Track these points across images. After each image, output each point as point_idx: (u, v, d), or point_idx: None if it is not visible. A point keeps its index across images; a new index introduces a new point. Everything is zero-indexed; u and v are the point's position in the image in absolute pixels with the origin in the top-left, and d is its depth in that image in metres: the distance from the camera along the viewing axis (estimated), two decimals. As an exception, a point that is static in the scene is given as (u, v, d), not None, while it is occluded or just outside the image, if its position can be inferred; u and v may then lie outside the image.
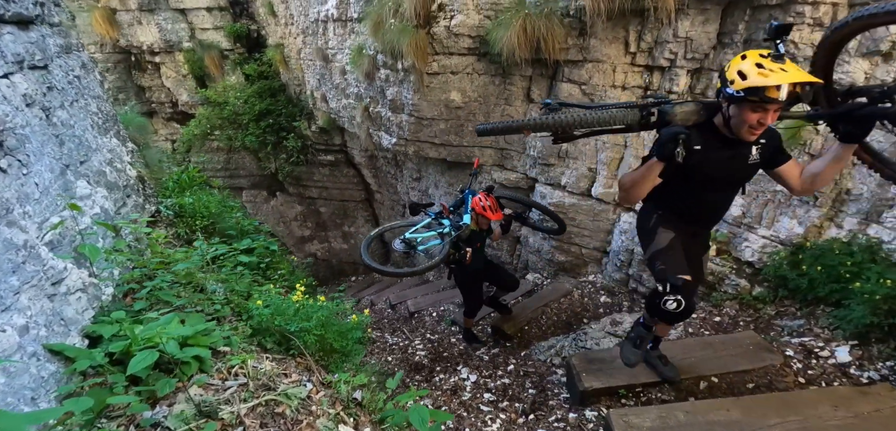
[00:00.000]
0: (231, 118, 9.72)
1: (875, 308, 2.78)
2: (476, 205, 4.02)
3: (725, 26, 3.86)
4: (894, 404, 2.23)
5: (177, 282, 2.59)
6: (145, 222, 3.13)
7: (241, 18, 10.34)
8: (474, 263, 4.20)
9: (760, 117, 1.76)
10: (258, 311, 2.36)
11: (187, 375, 1.73)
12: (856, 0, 3.15)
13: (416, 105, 6.02)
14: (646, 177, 2.07)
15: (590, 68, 4.77)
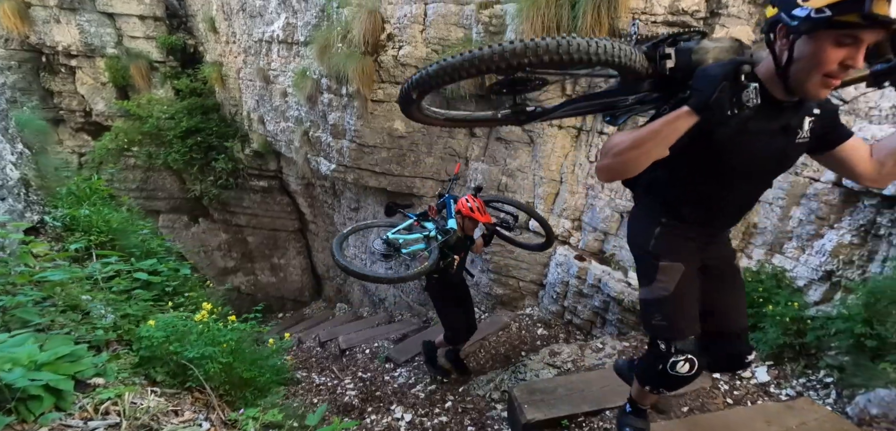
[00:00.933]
0: (153, 133, 8.81)
1: (786, 329, 2.93)
2: (462, 206, 3.55)
3: (650, 74, 4.15)
4: (816, 416, 2.30)
5: (50, 302, 2.10)
6: (19, 228, 2.56)
7: (178, 31, 9.64)
8: (455, 275, 3.74)
9: (848, 56, 1.10)
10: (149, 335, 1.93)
11: (34, 413, 1.30)
12: None
13: (359, 131, 5.81)
14: (657, 137, 1.29)
15: (529, 105, 4.88)
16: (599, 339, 4.07)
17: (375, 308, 8.02)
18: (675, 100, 1.37)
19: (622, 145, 1.34)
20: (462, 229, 3.60)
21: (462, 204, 3.56)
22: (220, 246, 9.75)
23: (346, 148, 6.12)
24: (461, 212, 3.55)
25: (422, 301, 6.78)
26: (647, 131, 1.31)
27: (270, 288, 10.05)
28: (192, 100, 9.25)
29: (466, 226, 3.62)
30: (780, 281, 3.25)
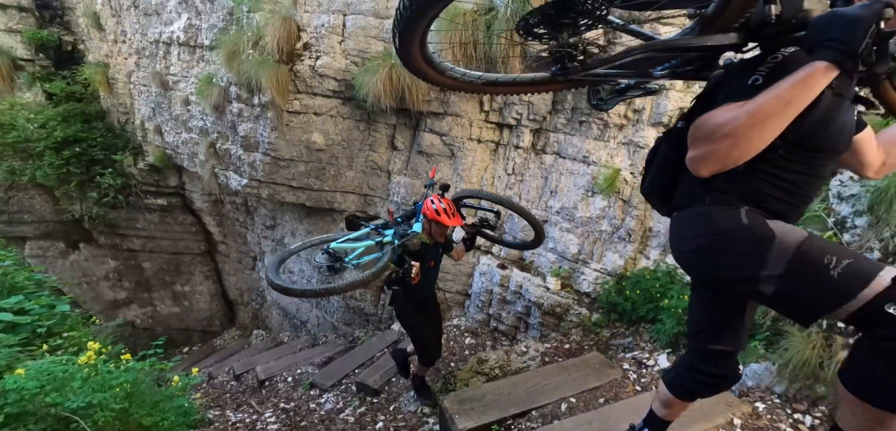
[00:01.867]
0: (18, 145, 7.54)
1: (679, 319, 3.36)
2: (427, 208, 3.11)
3: (558, 95, 4.52)
4: (706, 397, 2.66)
5: None
6: None
7: (51, 25, 8.36)
8: (423, 288, 3.28)
9: None
10: (17, 388, 1.65)
11: None
12: None
13: (274, 144, 5.53)
14: (786, 106, 1.04)
15: (450, 121, 5.05)
16: (523, 343, 4.29)
17: (296, 331, 7.63)
18: (778, 57, 1.14)
19: (735, 123, 1.07)
20: (430, 235, 3.19)
21: (426, 206, 3.14)
22: (107, 275, 8.59)
23: (259, 161, 5.79)
24: (426, 216, 3.14)
25: (347, 320, 6.60)
26: (770, 99, 1.04)
27: (173, 320, 9.06)
28: (69, 106, 8.10)
29: (434, 231, 3.18)
30: (672, 278, 3.72)
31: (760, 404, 2.50)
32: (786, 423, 2.34)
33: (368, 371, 4.72)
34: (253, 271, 8.53)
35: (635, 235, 4.10)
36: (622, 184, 4.17)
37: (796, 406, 2.42)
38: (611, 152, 4.17)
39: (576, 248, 4.39)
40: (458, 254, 3.57)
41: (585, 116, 4.27)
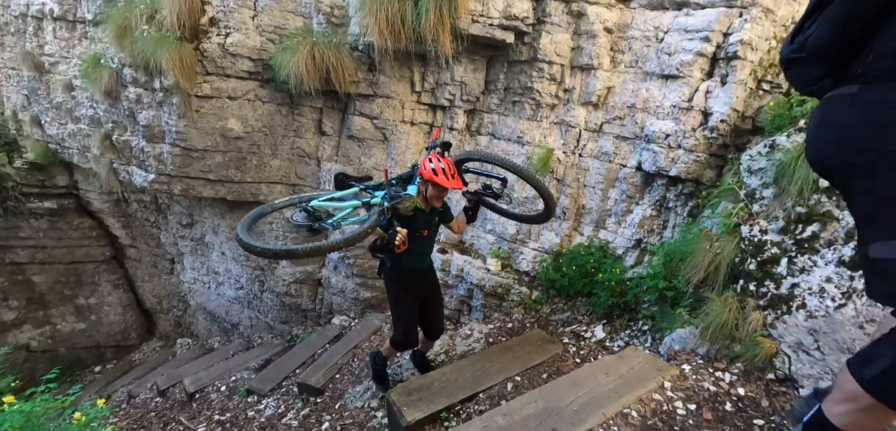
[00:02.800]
0: None
1: (612, 291, 3.58)
2: (423, 167, 2.77)
3: (490, 75, 4.50)
4: (640, 360, 2.88)
5: None
6: None
7: None
8: (414, 260, 2.98)
9: None
10: None
11: None
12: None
13: (183, 133, 5.01)
14: None
15: (381, 103, 4.87)
16: (467, 326, 4.36)
17: (228, 336, 7.17)
18: None
19: None
20: (426, 199, 2.86)
21: (423, 165, 2.78)
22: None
23: (167, 153, 5.23)
24: (422, 176, 2.80)
25: (283, 318, 6.31)
26: None
27: (79, 338, 8.10)
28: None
29: (430, 195, 2.82)
30: (605, 252, 3.93)
31: (686, 366, 2.74)
32: (708, 381, 2.59)
33: (310, 369, 4.57)
34: (171, 275, 7.83)
35: (570, 213, 4.26)
36: (556, 164, 4.30)
37: (717, 364, 2.68)
38: (544, 132, 4.27)
39: (514, 229, 4.49)
40: (459, 226, 3.21)
41: (518, 97, 4.31)
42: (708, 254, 2.85)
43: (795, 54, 1.23)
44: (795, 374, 2.41)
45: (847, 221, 2.36)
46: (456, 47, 4.15)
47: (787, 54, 1.28)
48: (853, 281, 2.28)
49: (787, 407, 2.34)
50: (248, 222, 2.56)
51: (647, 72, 3.59)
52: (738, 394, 2.48)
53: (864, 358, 1.28)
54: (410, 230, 2.71)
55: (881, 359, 1.19)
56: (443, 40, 4.05)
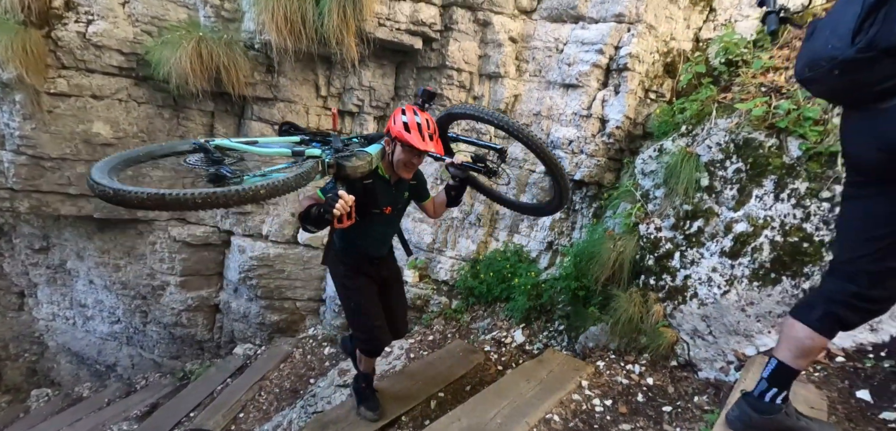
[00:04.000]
0: None
1: (529, 294, 3.69)
2: (393, 121, 2.16)
3: (399, 81, 4.42)
4: (558, 361, 2.99)
5: None
6: None
7: None
8: (367, 242, 2.39)
9: None
10: None
11: None
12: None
13: (31, 137, 4.20)
14: None
15: (282, 107, 4.53)
16: (386, 342, 4.21)
17: (101, 380, 6.13)
18: None
19: None
20: (391, 165, 2.26)
21: (395, 115, 2.17)
22: None
23: (9, 162, 4.33)
24: (389, 132, 2.19)
25: (173, 352, 5.56)
26: None
27: None
28: None
29: (399, 161, 2.21)
30: (520, 256, 4.06)
31: (601, 362, 2.90)
32: (621, 375, 2.77)
33: (207, 412, 4.08)
34: (21, 312, 6.50)
35: (484, 219, 4.33)
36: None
37: (627, 357, 2.88)
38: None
39: (430, 238, 4.45)
40: (436, 208, 2.59)
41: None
42: (613, 253, 3.05)
43: (863, 54, 1.28)
44: (694, 359, 2.66)
45: (726, 215, 2.68)
46: (362, 51, 4.00)
47: (851, 55, 1.30)
48: (733, 268, 2.58)
49: (689, 391, 2.57)
50: (112, 165, 1.77)
51: (550, 81, 3.78)
52: (647, 384, 2.67)
53: (806, 306, 1.64)
54: (369, 204, 2.20)
55: (819, 306, 1.58)
56: (348, 43, 3.87)
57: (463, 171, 2.37)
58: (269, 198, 1.65)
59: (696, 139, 2.94)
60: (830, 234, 2.29)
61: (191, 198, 1.50)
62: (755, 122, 2.64)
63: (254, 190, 1.57)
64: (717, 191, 2.73)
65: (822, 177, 2.37)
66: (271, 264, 4.85)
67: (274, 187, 1.61)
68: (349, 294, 2.48)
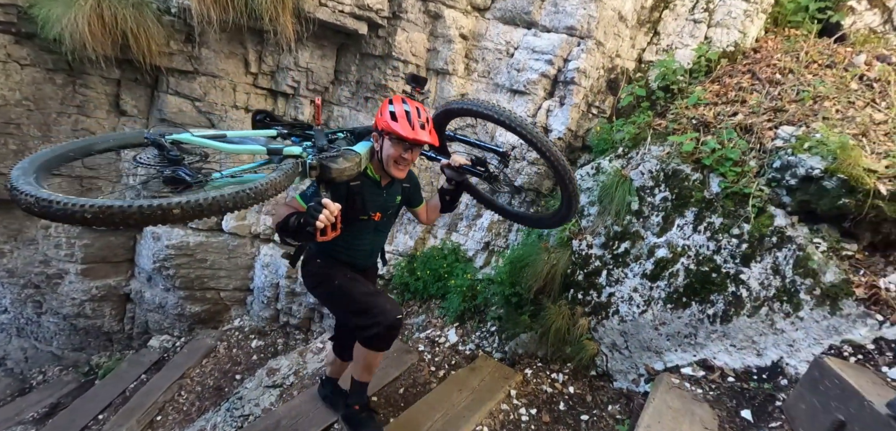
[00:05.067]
0: None
1: (464, 295, 3.84)
2: (381, 112, 1.94)
3: (340, 65, 4.23)
4: (490, 369, 3.17)
5: None
6: None
7: None
8: (352, 253, 2.15)
9: None
10: None
11: None
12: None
13: None
14: None
15: (205, 82, 4.18)
16: (318, 339, 4.20)
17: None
18: None
19: None
20: (381, 165, 2.03)
21: (383, 107, 1.94)
22: None
23: None
24: (376, 126, 1.98)
25: (76, 344, 5.14)
26: None
27: None
28: None
29: (390, 157, 1.97)
30: (457, 255, 4.17)
31: (528, 370, 3.13)
32: (546, 384, 3.01)
33: (120, 415, 3.87)
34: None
35: (424, 214, 4.38)
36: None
37: (553, 366, 3.12)
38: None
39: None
40: (429, 213, 2.43)
41: (371, 93, 4.15)
42: (546, 265, 3.24)
43: None
44: (611, 370, 2.95)
45: (650, 240, 2.93)
46: (300, 31, 3.77)
47: None
48: (652, 290, 2.86)
49: (604, 400, 2.86)
50: (38, 166, 1.46)
51: (498, 84, 3.81)
52: (569, 393, 2.94)
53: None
54: (355, 210, 1.97)
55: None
56: (284, 21, 3.63)
57: (460, 174, 2.24)
58: (238, 208, 1.38)
59: (631, 162, 3.15)
60: (736, 268, 2.60)
61: (134, 210, 1.20)
62: (684, 156, 2.88)
63: (220, 200, 1.30)
64: (645, 215, 2.97)
65: (735, 215, 2.67)
66: (191, 253, 4.58)
67: (244, 196, 1.36)
68: (340, 287, 2.11)
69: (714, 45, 3.54)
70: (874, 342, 2.29)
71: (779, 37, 3.59)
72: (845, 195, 2.35)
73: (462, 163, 2.21)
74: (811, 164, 2.47)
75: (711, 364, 2.63)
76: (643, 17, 3.69)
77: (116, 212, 1.20)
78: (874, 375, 2.15)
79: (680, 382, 2.61)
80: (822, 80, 2.99)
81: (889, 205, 2.29)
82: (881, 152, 2.47)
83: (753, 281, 2.54)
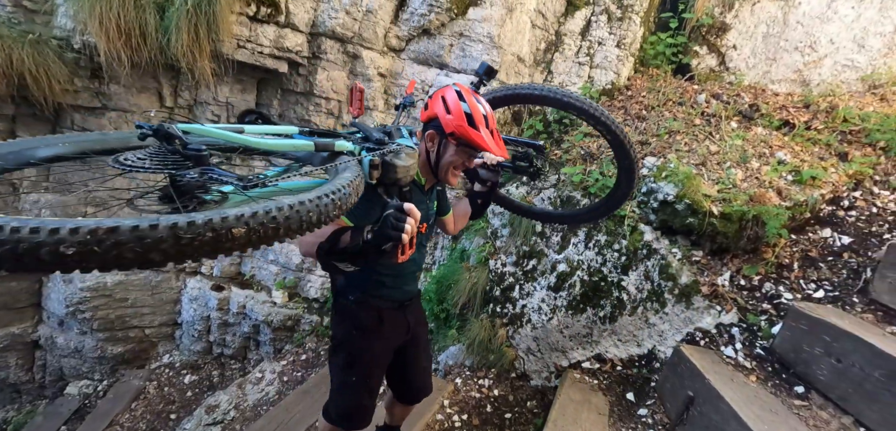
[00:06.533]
0: None
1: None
2: (439, 105, 1.57)
3: (262, 98, 4.20)
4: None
5: None
6: None
7: None
8: (397, 278, 1.77)
9: None
10: None
11: None
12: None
13: None
14: None
15: (115, 118, 3.94)
16: (257, 368, 4.18)
17: None
18: None
19: None
20: (431, 168, 1.65)
21: (437, 100, 1.59)
22: None
23: None
24: (436, 122, 1.57)
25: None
26: None
27: None
28: None
29: (449, 162, 1.61)
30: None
31: (458, 379, 3.43)
32: (474, 390, 3.33)
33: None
34: None
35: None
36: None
37: (479, 373, 3.45)
38: (322, 163, 4.30)
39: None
40: (457, 222, 2.06)
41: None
42: (468, 283, 3.57)
43: None
44: (528, 371, 3.36)
45: (552, 257, 3.37)
46: (219, 69, 3.70)
47: None
48: (556, 299, 3.30)
49: (523, 398, 3.26)
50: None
51: (416, 118, 4.05)
52: (494, 395, 3.29)
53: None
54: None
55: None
56: (201, 63, 3.55)
57: (496, 174, 1.93)
58: (318, 225, 0.90)
59: (534, 189, 3.57)
60: (618, 277, 3.10)
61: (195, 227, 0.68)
62: (575, 184, 3.33)
63: (300, 212, 0.84)
64: (546, 236, 3.40)
65: (615, 233, 3.16)
66: (110, 294, 4.29)
67: (329, 206, 0.92)
68: (356, 352, 1.77)
69: (596, 83, 4.07)
70: (716, 327, 2.89)
71: (645, 76, 4.23)
72: (690, 215, 2.92)
73: (500, 161, 1.84)
74: (667, 191, 3.02)
75: (604, 358, 3.12)
76: (539, 58, 4.13)
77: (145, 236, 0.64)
78: (714, 355, 2.74)
79: (581, 376, 3.07)
80: (675, 117, 3.62)
81: (720, 222, 2.90)
82: (714, 179, 3.09)
83: (631, 287, 3.05)
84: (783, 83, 4.18)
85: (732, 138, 3.36)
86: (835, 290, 2.71)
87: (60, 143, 1.10)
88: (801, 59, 4.13)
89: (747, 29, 4.28)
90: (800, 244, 2.97)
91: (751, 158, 3.20)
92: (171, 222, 0.66)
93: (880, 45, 3.92)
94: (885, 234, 2.83)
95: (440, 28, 3.86)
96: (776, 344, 2.61)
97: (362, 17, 3.79)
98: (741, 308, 2.83)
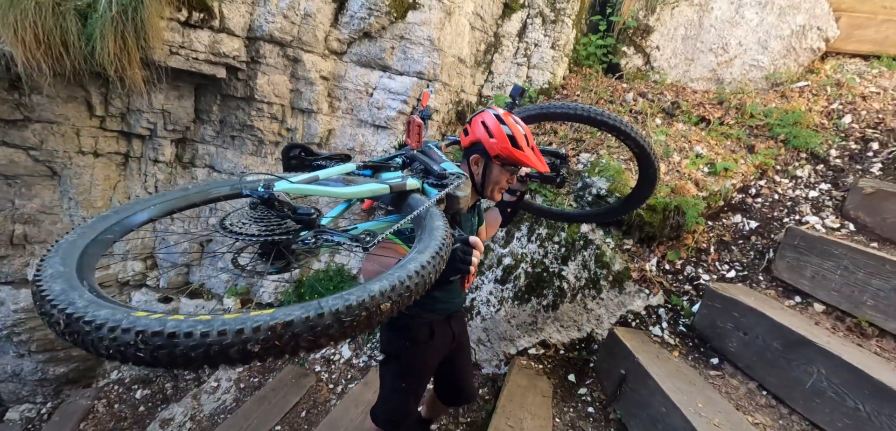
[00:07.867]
0: None
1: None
2: (481, 129, 1.62)
3: (201, 104, 3.93)
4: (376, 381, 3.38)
5: None
6: None
7: None
8: (449, 292, 1.86)
9: None
10: None
11: None
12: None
13: None
14: None
15: (40, 129, 3.57)
16: (213, 377, 4.00)
17: None
18: None
19: None
20: (480, 187, 1.71)
21: (478, 125, 1.64)
22: None
23: None
24: (480, 146, 1.63)
25: None
26: None
27: None
28: None
29: (494, 182, 1.68)
30: (342, 275, 4.28)
31: (413, 373, 3.44)
32: (427, 383, 3.35)
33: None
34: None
35: (308, 239, 4.37)
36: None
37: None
38: (269, 168, 4.11)
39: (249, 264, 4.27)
40: (488, 231, 2.13)
41: (237, 132, 3.96)
42: (421, 280, 3.56)
43: None
44: (480, 360, 3.41)
45: (498, 251, 3.42)
46: (151, 76, 3.42)
47: None
48: (503, 291, 3.36)
49: (476, 386, 3.31)
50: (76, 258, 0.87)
51: (362, 120, 3.95)
52: (446, 386, 3.32)
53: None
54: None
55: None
56: (131, 72, 3.26)
57: (524, 185, 2.01)
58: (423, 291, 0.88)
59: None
60: (559, 267, 3.20)
61: (386, 294, 0.78)
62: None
63: (414, 284, 0.85)
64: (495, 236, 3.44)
65: (555, 226, 3.26)
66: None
67: (433, 271, 0.92)
68: (408, 370, 1.86)
69: (534, 83, 4.14)
70: (645, 309, 3.06)
71: (579, 76, 4.35)
72: (621, 209, 3.05)
73: (530, 172, 1.92)
74: (599, 185, 3.14)
75: (548, 343, 3.22)
76: (479, 59, 4.14)
77: (316, 325, 0.67)
78: (644, 335, 2.91)
79: (527, 362, 3.16)
80: (608, 114, 3.76)
81: (647, 213, 3.05)
82: (642, 173, 3.24)
83: (571, 276, 3.16)
84: (700, 82, 4.43)
85: (657, 134, 3.53)
86: (744, 270, 2.94)
87: (151, 206, 1.18)
88: (715, 59, 4.39)
89: (668, 31, 4.49)
90: (715, 230, 3.18)
91: (672, 153, 3.38)
92: (333, 308, 0.70)
93: (780, 47, 4.24)
94: (785, 218, 3.09)
95: (381, 31, 3.76)
96: (696, 322, 2.80)
97: (301, 20, 3.62)
98: (667, 290, 3.00)
